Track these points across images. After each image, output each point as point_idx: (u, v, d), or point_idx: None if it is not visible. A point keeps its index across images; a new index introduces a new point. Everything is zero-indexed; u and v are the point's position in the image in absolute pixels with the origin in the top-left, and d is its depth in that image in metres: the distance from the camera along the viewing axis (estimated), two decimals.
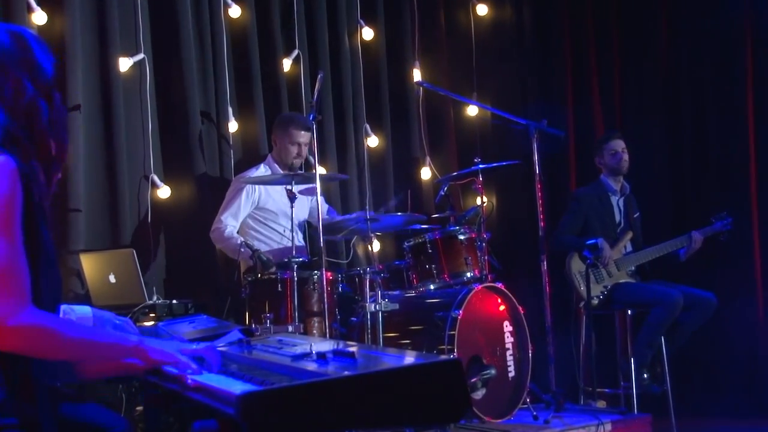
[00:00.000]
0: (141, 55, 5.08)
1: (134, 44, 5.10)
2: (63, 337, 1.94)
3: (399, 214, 5.10)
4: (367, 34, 6.22)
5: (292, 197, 4.41)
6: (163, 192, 5.11)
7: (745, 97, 6.18)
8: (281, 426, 1.64)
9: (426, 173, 6.36)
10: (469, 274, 4.76)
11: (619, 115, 6.80)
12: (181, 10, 5.20)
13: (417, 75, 6.36)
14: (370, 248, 4.77)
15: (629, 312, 5.44)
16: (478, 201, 5.13)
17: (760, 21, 6.16)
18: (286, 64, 5.75)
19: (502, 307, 4.74)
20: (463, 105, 6.53)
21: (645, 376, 5.26)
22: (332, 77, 6.01)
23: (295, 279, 4.27)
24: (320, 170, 4.67)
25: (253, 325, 4.14)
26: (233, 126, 5.43)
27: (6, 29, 2.08)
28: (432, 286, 4.80)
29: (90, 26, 4.92)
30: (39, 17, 4.67)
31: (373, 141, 6.11)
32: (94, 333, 2.13)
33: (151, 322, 4.20)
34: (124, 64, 4.99)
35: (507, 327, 4.70)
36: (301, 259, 4.35)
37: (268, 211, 5.11)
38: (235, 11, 5.50)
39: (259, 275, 4.46)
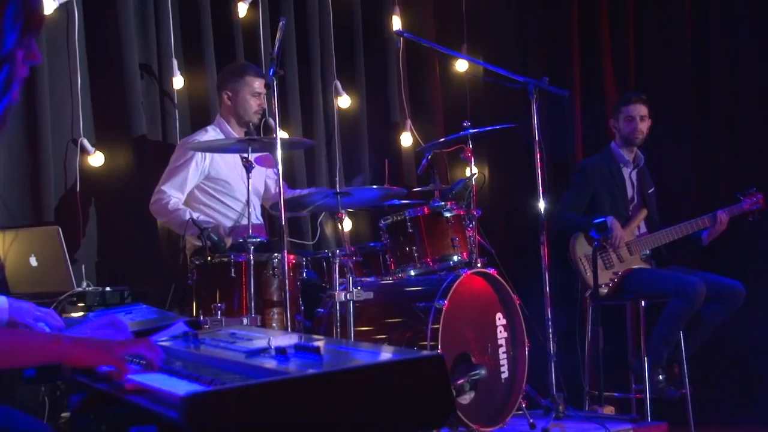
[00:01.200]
0: None
1: None
2: None
3: (375, 187, 5.10)
4: None
5: (248, 166, 4.40)
6: (95, 159, 5.08)
7: None
8: None
9: (407, 139, 6.36)
10: (456, 258, 4.77)
11: (634, 69, 6.81)
12: None
13: (397, 23, 6.34)
14: (340, 227, 4.76)
15: (643, 303, 5.47)
16: (468, 172, 5.13)
17: None
18: (242, 8, 5.71)
19: (494, 297, 4.76)
20: (451, 59, 6.53)
21: (660, 377, 5.31)
22: (296, 25, 5.98)
23: (252, 263, 4.27)
24: (282, 135, 4.65)
25: (202, 317, 4.13)
26: (178, 82, 5.40)
27: None
28: (412, 272, 4.81)
29: None
30: None
31: (344, 101, 6.10)
32: (10, 334, 2.10)
33: (80, 313, 4.20)
34: (48, 6, 4.94)
35: (500, 320, 4.73)
36: (258, 240, 4.34)
37: (221, 182, 5.08)
38: None
39: (209, 258, 4.45)
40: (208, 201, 5.08)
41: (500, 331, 4.71)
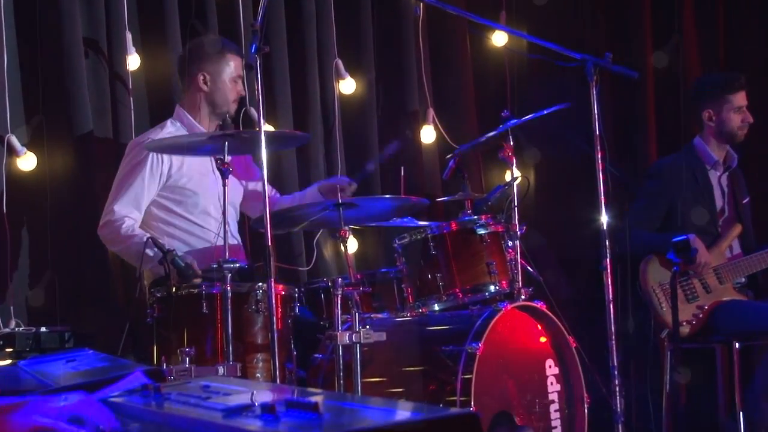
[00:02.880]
0: None
1: None
2: None
3: (388, 196, 5.09)
4: None
5: (224, 170, 4.40)
6: (26, 162, 5.09)
7: None
8: None
9: (428, 134, 6.36)
10: (492, 288, 4.78)
11: (723, 41, 6.80)
12: None
13: None
14: (342, 248, 4.77)
15: (737, 345, 5.47)
16: (508, 177, 5.14)
17: None
18: None
19: (543, 339, 4.76)
20: (486, 31, 6.54)
21: None
22: None
23: (229, 295, 4.28)
24: (267, 128, 4.65)
25: (165, 365, 4.15)
26: (134, 61, 5.42)
27: None
28: (436, 307, 4.82)
29: None
30: None
31: (347, 85, 6.11)
32: None
33: (8, 361, 4.20)
34: None
35: (550, 368, 4.73)
36: (237, 265, 4.35)
37: (185, 192, 5.06)
38: None
39: (174, 289, 4.46)
40: (169, 218, 5.05)
41: (551, 383, 4.72)
